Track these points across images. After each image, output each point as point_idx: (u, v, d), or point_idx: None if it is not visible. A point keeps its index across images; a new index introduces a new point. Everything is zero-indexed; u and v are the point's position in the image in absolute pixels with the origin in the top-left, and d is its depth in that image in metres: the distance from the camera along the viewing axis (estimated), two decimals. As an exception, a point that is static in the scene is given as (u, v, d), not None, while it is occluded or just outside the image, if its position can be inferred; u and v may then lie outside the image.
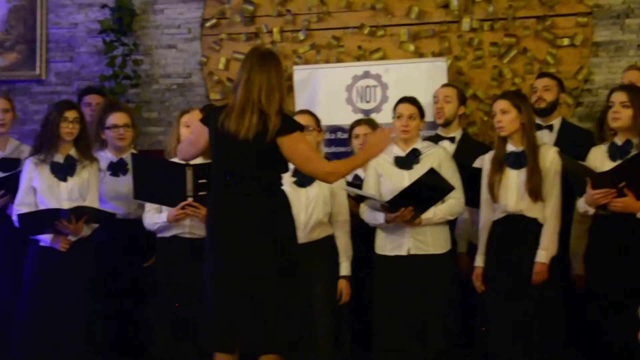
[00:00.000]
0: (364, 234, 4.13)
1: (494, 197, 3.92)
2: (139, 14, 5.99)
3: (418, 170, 3.97)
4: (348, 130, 4.69)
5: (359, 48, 5.65)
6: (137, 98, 5.95)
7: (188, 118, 4.13)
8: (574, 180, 3.88)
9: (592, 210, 3.86)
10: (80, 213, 3.93)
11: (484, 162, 4.05)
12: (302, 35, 5.73)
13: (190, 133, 3.65)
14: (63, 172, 4.05)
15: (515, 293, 3.81)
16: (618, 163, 3.79)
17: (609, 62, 5.37)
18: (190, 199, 3.99)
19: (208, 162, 3.67)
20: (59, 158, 4.07)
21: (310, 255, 3.92)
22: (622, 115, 3.85)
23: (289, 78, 5.38)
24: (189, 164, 3.90)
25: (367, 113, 5.23)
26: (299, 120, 3.60)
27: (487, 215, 4.00)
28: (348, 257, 4.13)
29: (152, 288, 4.16)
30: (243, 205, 3.35)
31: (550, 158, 3.90)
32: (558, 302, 3.84)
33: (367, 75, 5.36)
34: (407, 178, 4.00)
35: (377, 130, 4.03)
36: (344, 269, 4.11)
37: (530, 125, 3.92)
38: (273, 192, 3.42)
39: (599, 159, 3.92)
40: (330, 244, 4.13)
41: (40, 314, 3.92)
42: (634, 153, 3.78)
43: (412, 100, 4.13)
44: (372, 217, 4.04)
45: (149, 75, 6.00)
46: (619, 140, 3.89)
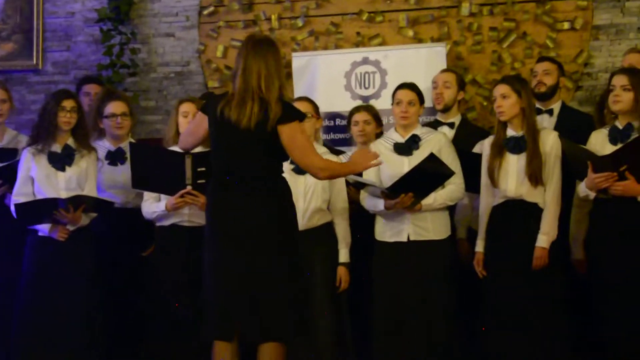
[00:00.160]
0: (364, 221, 4.11)
1: (494, 182, 3.91)
2: (136, 2, 5.94)
3: (418, 156, 3.95)
4: (347, 117, 4.66)
5: (358, 34, 5.61)
6: (134, 87, 5.92)
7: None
8: (575, 164, 3.87)
9: (592, 195, 3.85)
10: (78, 202, 3.92)
11: (484, 147, 4.04)
12: (300, 22, 5.70)
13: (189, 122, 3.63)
14: (61, 161, 4.03)
15: (516, 278, 3.80)
16: (619, 146, 3.77)
17: (609, 45, 5.33)
18: (189, 187, 3.98)
19: (207, 150, 3.65)
20: (57, 148, 4.05)
21: (309, 242, 3.89)
22: (623, 99, 3.83)
23: (288, 65, 5.33)
24: (188, 152, 3.88)
25: (366, 99, 5.18)
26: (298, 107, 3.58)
27: (487, 201, 3.99)
28: (347, 244, 4.13)
29: (149, 279, 4.14)
30: (244, 194, 3.33)
31: (551, 142, 3.89)
32: (559, 286, 3.83)
33: (366, 62, 5.32)
34: (407, 164, 3.99)
35: (362, 149, 3.97)
36: (343, 256, 4.11)
37: (531, 110, 3.91)
38: (274, 180, 3.41)
39: (600, 143, 3.90)
40: (329, 231, 4.12)
41: (40, 304, 3.92)
42: (635, 136, 3.76)
43: (411, 86, 4.11)
44: (372, 204, 4.03)
45: (147, 64, 5.97)
46: (620, 124, 3.88)
